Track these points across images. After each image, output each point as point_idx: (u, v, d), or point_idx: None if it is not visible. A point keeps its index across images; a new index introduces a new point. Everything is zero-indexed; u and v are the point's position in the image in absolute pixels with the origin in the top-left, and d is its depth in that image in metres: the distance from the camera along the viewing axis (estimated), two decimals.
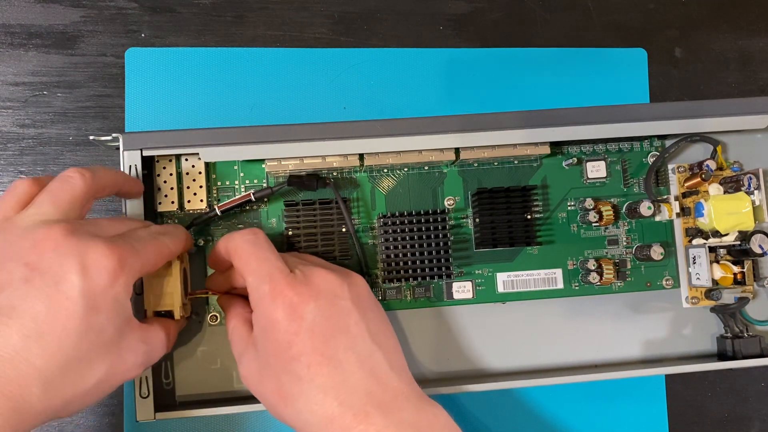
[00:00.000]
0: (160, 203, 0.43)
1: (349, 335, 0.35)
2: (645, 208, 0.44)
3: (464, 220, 0.45)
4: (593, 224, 0.45)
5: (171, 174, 0.43)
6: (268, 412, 0.37)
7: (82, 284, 0.31)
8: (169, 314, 0.39)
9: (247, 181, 0.44)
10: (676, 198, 0.45)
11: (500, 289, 0.45)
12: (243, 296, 0.39)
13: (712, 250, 0.44)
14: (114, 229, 0.35)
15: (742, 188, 0.43)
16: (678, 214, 0.45)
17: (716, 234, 0.44)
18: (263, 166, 0.44)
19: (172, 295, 0.38)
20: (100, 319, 0.32)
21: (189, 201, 0.43)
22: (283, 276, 0.35)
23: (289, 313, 0.34)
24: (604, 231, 0.46)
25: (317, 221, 0.43)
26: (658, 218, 0.46)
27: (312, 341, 0.34)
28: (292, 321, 0.34)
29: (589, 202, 0.44)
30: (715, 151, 0.45)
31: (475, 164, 0.45)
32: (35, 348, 0.30)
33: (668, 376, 0.49)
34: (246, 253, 0.37)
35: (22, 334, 0.30)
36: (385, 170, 0.45)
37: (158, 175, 0.43)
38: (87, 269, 0.31)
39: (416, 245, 0.43)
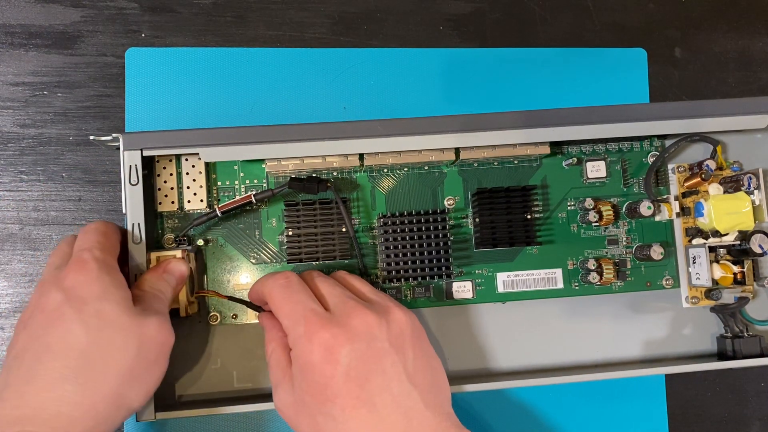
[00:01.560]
0: (160, 203, 0.43)
1: (385, 377, 0.35)
2: (645, 208, 0.44)
3: (464, 219, 0.45)
4: (593, 224, 0.45)
5: (171, 174, 0.43)
6: (268, 413, 0.37)
7: (63, 295, 0.34)
8: (174, 313, 0.40)
9: (247, 182, 0.44)
10: (676, 198, 0.45)
11: (500, 289, 0.45)
12: None
13: (712, 249, 0.44)
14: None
15: (742, 188, 0.43)
16: (678, 214, 0.45)
17: (716, 234, 0.44)
18: (263, 166, 0.44)
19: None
20: (90, 308, 0.34)
21: (189, 201, 0.43)
22: (318, 318, 0.36)
23: (325, 356, 0.35)
24: (604, 231, 0.46)
25: (317, 221, 0.43)
26: (658, 218, 0.46)
27: (347, 384, 0.34)
28: (328, 364, 0.34)
29: (589, 202, 0.45)
30: (714, 150, 0.45)
31: (475, 164, 0.45)
32: (48, 362, 0.33)
33: (668, 376, 0.49)
34: (279, 297, 0.37)
35: (33, 357, 0.34)
36: (385, 170, 0.45)
37: (158, 175, 0.43)
38: (65, 290, 0.35)
39: (416, 245, 0.43)
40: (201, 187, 0.44)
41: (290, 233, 0.43)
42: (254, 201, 0.42)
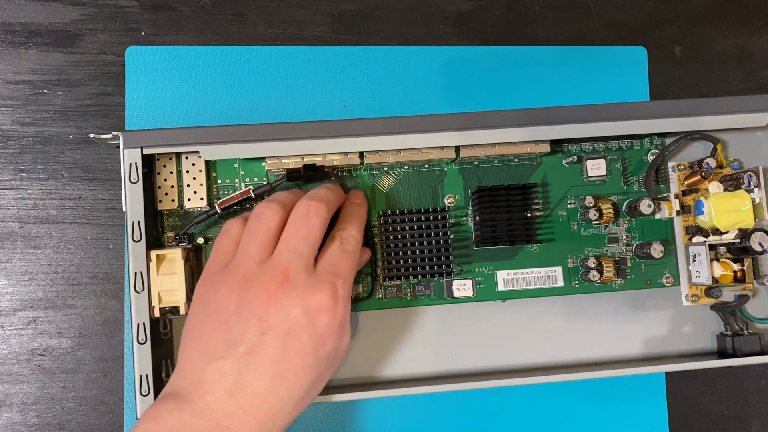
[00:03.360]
0: (160, 201, 0.43)
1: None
2: (645, 206, 0.44)
3: (464, 218, 0.45)
4: (593, 222, 0.45)
5: (171, 172, 0.43)
6: None
7: (309, 329, 0.35)
8: (175, 310, 0.40)
9: (247, 179, 0.44)
10: (676, 196, 0.45)
11: (500, 287, 0.45)
12: None
13: (712, 247, 0.44)
14: (309, 248, 0.37)
15: (742, 186, 0.43)
16: (678, 212, 0.45)
17: (716, 232, 0.44)
18: (263, 164, 0.44)
19: (177, 291, 0.40)
20: (327, 348, 0.36)
21: (189, 199, 0.43)
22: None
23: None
24: (604, 229, 0.46)
25: None
26: (658, 216, 0.46)
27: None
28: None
29: (589, 200, 0.45)
30: (714, 149, 0.45)
31: (476, 162, 0.45)
32: (281, 386, 0.35)
33: (668, 374, 0.49)
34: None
35: (269, 376, 0.35)
36: (386, 168, 0.45)
37: (158, 173, 0.43)
38: (310, 315, 0.35)
39: (416, 243, 0.43)
40: (201, 185, 0.44)
41: None
42: (253, 196, 0.42)
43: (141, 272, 0.39)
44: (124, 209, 0.40)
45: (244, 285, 0.36)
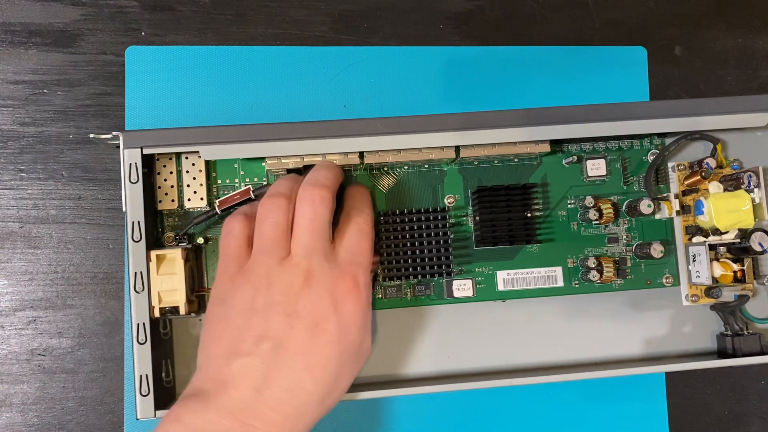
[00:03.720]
0: (160, 201, 0.43)
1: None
2: (645, 206, 0.44)
3: (464, 218, 0.45)
4: (593, 222, 0.45)
5: (171, 172, 0.43)
6: None
7: (335, 317, 0.36)
8: (174, 310, 0.40)
9: (247, 180, 0.44)
10: (676, 196, 0.45)
11: (500, 287, 0.45)
12: None
13: (712, 247, 0.44)
14: (323, 241, 0.38)
15: (742, 186, 0.43)
16: (678, 212, 0.45)
17: (716, 232, 0.44)
18: (263, 164, 0.44)
19: (177, 291, 0.40)
20: (350, 338, 0.37)
21: (189, 199, 0.43)
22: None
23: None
24: (604, 229, 0.46)
25: None
26: (658, 216, 0.46)
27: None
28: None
29: (589, 200, 0.45)
30: (714, 149, 0.45)
31: (476, 162, 0.45)
32: (307, 379, 0.35)
33: (668, 374, 0.49)
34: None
35: (297, 369, 0.35)
36: (385, 168, 0.45)
37: (158, 173, 0.43)
38: (336, 305, 0.36)
39: (416, 243, 0.43)
40: (201, 185, 0.44)
41: None
42: (253, 196, 0.42)
43: (141, 272, 0.39)
44: (124, 209, 0.40)
45: (269, 284, 0.36)
